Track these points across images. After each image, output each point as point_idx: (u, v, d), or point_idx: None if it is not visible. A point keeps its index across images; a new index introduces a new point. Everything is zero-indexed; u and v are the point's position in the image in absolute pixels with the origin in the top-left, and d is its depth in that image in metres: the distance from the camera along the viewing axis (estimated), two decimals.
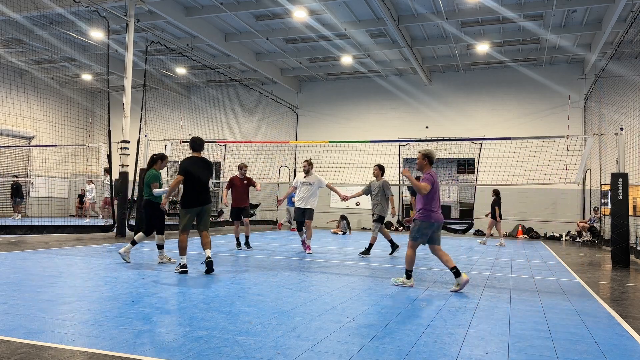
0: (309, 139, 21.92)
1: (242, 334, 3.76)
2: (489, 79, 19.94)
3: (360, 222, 21.34)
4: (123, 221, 13.00)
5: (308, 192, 10.15)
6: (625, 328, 4.42)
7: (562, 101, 18.88)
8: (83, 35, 16.62)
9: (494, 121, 19.54)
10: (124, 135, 13.10)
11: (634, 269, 9.33)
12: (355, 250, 11.09)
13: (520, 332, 4.12)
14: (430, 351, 3.51)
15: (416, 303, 5.21)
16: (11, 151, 20.80)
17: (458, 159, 20.87)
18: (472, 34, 16.27)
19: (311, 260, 8.81)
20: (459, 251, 11.77)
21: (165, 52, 18.69)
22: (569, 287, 6.75)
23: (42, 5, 14.06)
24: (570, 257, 11.17)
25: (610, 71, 15.72)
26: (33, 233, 11.76)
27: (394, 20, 14.36)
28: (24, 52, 19.37)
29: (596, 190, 16.75)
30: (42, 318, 4.07)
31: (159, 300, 4.93)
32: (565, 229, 18.36)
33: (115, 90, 22.41)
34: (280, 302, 4.99)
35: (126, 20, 13.35)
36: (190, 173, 6.91)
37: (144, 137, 13.99)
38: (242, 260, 8.62)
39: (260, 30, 16.65)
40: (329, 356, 3.32)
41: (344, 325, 4.16)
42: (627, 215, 9.85)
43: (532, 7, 13.90)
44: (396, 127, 20.72)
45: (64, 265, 7.16)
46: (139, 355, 3.20)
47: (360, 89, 21.84)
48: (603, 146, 15.64)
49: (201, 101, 23.86)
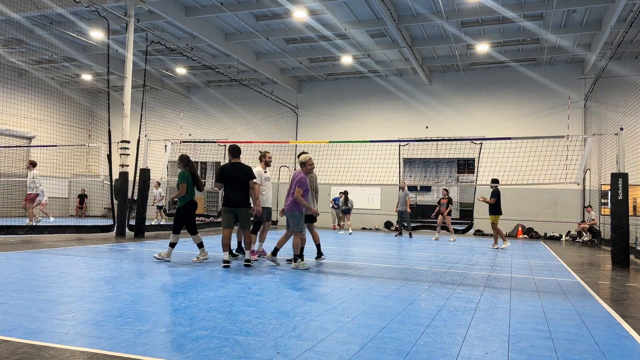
0: (309, 139, 21.93)
1: (242, 334, 3.76)
2: (489, 79, 19.94)
3: (362, 221, 21.33)
4: (123, 221, 13.00)
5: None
6: (625, 328, 4.42)
7: (562, 101, 18.89)
8: (83, 35, 16.62)
9: (494, 121, 19.54)
10: (124, 135, 13.10)
11: (634, 269, 9.33)
12: (355, 250, 11.09)
13: (520, 332, 4.12)
14: (430, 351, 3.51)
15: (416, 303, 5.21)
16: (11, 151, 20.80)
17: (458, 159, 20.88)
18: (472, 34, 16.27)
19: (311, 260, 8.80)
20: (459, 251, 11.77)
21: (165, 52, 18.69)
22: (569, 287, 6.75)
23: (42, 5, 14.07)
24: (570, 257, 11.17)
25: (610, 71, 15.72)
26: (34, 233, 11.77)
27: (394, 20, 14.36)
28: (24, 52, 19.38)
29: (596, 190, 16.75)
30: (42, 318, 4.07)
31: (159, 300, 4.93)
32: (565, 229, 18.36)
33: (115, 90, 22.43)
34: (280, 302, 4.99)
35: (126, 20, 13.35)
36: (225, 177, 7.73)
37: (144, 137, 14.00)
38: (242, 260, 8.61)
39: (260, 30, 16.65)
40: (329, 356, 3.32)
41: (344, 325, 4.16)
42: (627, 215, 9.85)
43: (532, 7, 13.89)
44: (396, 127, 20.73)
45: (64, 265, 7.16)
46: (139, 355, 3.20)
47: (360, 89, 21.84)
48: (603, 146, 15.64)
49: (201, 101, 23.87)
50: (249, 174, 7.75)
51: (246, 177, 7.72)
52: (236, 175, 7.64)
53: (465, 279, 7.17)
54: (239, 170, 7.68)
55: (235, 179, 7.63)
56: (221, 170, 7.74)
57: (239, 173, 7.66)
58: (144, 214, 13.25)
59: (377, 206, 21.21)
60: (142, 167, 13.53)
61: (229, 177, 7.65)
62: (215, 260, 8.38)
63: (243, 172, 7.70)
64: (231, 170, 7.67)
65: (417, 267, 8.40)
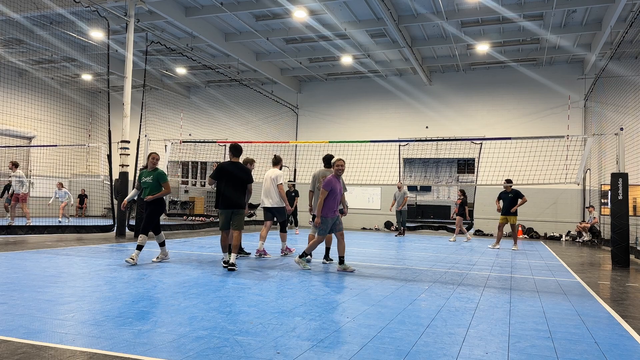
0: (309, 139, 21.93)
1: (242, 334, 3.76)
2: (489, 79, 19.93)
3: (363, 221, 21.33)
4: (123, 221, 13.00)
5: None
6: (625, 328, 4.42)
7: (562, 101, 18.88)
8: (83, 35, 16.62)
9: (494, 121, 19.54)
10: (124, 135, 13.11)
11: (634, 269, 9.33)
12: (355, 250, 11.09)
13: (520, 332, 4.12)
14: (430, 351, 3.51)
15: (416, 303, 5.21)
16: (11, 151, 20.80)
17: (458, 159, 20.88)
18: (472, 34, 16.26)
19: (311, 260, 8.80)
20: (459, 251, 11.77)
21: (165, 52, 18.69)
22: (569, 287, 6.75)
23: (42, 5, 14.07)
24: (570, 257, 11.17)
25: (610, 71, 15.71)
26: (33, 233, 11.77)
27: (394, 20, 14.35)
28: (24, 52, 19.38)
29: (596, 190, 16.74)
30: (42, 318, 4.07)
31: (159, 300, 4.93)
32: (565, 229, 18.36)
33: (115, 90, 22.43)
34: (280, 302, 4.99)
35: (126, 20, 13.35)
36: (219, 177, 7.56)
37: (144, 137, 14.00)
38: (242, 260, 8.61)
39: (260, 30, 16.65)
40: (329, 356, 3.32)
41: (344, 325, 4.16)
42: (627, 215, 9.85)
43: (532, 7, 13.89)
44: (396, 127, 20.73)
45: (64, 265, 7.16)
46: (139, 355, 3.20)
47: (360, 89, 21.84)
48: (603, 146, 15.64)
49: (201, 101, 23.87)
50: (247, 176, 7.55)
51: (244, 178, 7.51)
52: (234, 174, 7.42)
53: (465, 279, 7.17)
54: (237, 170, 7.47)
55: (232, 178, 7.41)
56: (219, 167, 7.52)
57: (237, 173, 7.45)
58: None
59: (377, 206, 21.21)
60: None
61: (225, 176, 7.43)
62: (215, 260, 8.38)
63: (241, 173, 7.50)
64: (230, 169, 7.45)
65: (417, 267, 8.41)
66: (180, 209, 23.35)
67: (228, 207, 7.42)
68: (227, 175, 7.43)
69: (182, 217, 21.88)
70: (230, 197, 7.39)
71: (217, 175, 7.50)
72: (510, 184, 12.83)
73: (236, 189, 7.41)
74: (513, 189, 12.78)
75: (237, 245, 7.38)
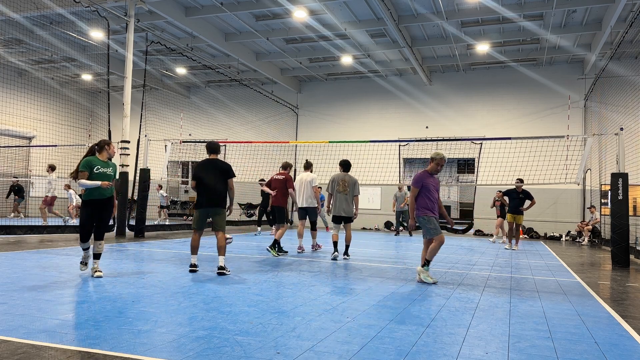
0: (309, 139, 21.93)
1: (242, 334, 3.76)
2: (489, 79, 19.93)
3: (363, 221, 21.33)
4: (123, 221, 13.01)
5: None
6: (625, 328, 4.42)
7: (562, 101, 18.88)
8: (83, 35, 16.62)
9: (494, 121, 19.54)
10: (124, 135, 13.11)
11: (634, 269, 9.33)
12: (355, 250, 11.08)
13: (520, 332, 4.12)
14: (430, 351, 3.51)
15: (416, 303, 5.21)
16: (11, 151, 20.80)
17: (458, 159, 20.86)
18: (472, 34, 16.27)
19: (311, 260, 8.81)
20: (459, 251, 11.77)
21: (165, 52, 18.69)
22: (569, 287, 6.75)
23: (42, 5, 14.06)
24: (570, 257, 11.17)
25: (610, 71, 15.71)
26: (33, 233, 11.77)
27: (394, 20, 14.35)
28: (24, 52, 19.37)
29: (596, 190, 16.74)
30: (42, 318, 4.07)
31: (158, 300, 4.93)
32: (565, 229, 18.36)
33: (115, 90, 22.42)
34: (280, 302, 4.99)
35: (126, 20, 13.35)
36: (197, 176, 7.06)
37: (144, 137, 14.00)
38: (243, 260, 8.61)
39: (260, 30, 16.65)
40: (329, 356, 3.32)
41: (344, 325, 4.16)
42: (627, 215, 9.85)
43: (532, 7, 13.89)
44: (396, 127, 20.73)
45: (64, 265, 7.16)
46: (139, 355, 3.20)
47: (360, 89, 21.84)
48: (603, 146, 15.63)
49: (201, 101, 23.86)
50: (227, 171, 6.94)
51: (223, 174, 6.92)
52: (212, 171, 6.88)
53: (465, 279, 7.17)
54: (215, 166, 6.92)
55: (210, 175, 6.86)
56: (195, 166, 7.06)
57: (215, 168, 6.90)
58: (144, 214, 13.25)
59: (377, 206, 21.21)
60: (142, 167, 13.53)
61: (203, 173, 6.89)
62: (214, 260, 8.37)
63: (220, 169, 6.92)
64: (207, 165, 6.94)
65: (417, 267, 8.39)
66: (180, 209, 23.35)
67: (207, 206, 6.87)
68: (205, 172, 6.91)
69: (182, 217, 21.89)
70: (210, 196, 6.83)
71: (195, 174, 6.98)
72: (521, 183, 12.71)
73: (216, 186, 6.85)
74: (524, 190, 12.74)
75: (223, 246, 6.84)
